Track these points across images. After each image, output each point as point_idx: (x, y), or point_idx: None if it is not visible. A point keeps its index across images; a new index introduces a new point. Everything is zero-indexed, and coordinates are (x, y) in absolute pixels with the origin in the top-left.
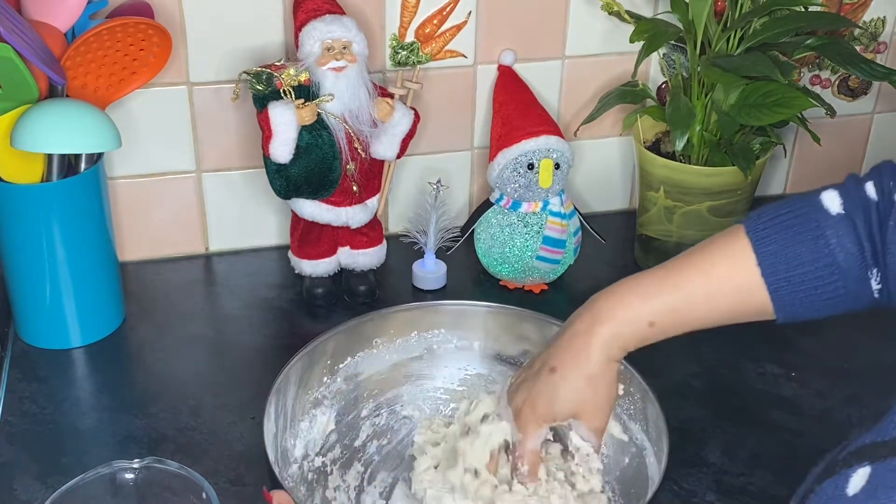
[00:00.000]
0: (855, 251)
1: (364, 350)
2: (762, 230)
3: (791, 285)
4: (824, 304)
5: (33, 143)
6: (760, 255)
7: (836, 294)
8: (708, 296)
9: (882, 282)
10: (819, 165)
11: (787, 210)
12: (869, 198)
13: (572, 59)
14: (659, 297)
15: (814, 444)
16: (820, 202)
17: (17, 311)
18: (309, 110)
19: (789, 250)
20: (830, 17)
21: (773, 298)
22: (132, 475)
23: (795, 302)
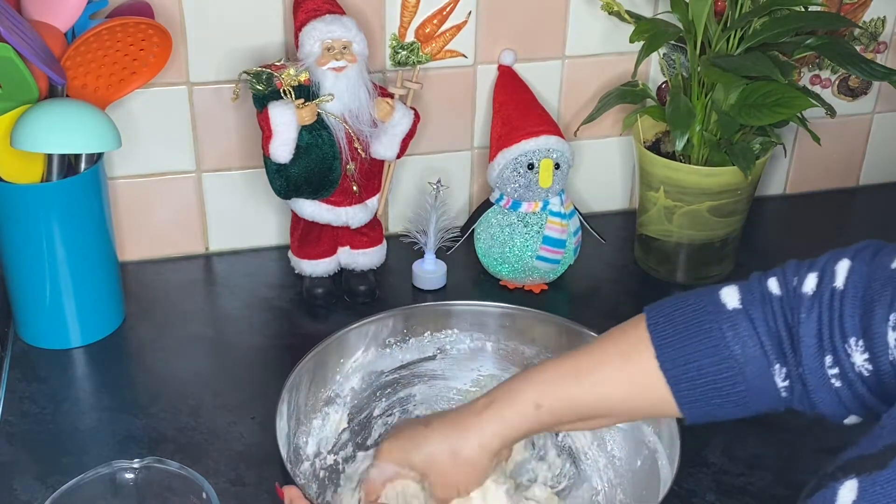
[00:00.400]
0: (752, 345)
1: (377, 349)
2: (662, 324)
3: (690, 379)
4: (728, 401)
5: (33, 143)
6: (659, 348)
7: (736, 390)
8: (599, 384)
9: (788, 378)
10: (819, 165)
11: (685, 304)
12: (771, 293)
13: (572, 59)
14: (548, 382)
15: (814, 444)
16: (718, 297)
17: (17, 311)
18: (309, 110)
19: (687, 343)
20: (830, 17)
21: (674, 393)
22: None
23: (697, 398)
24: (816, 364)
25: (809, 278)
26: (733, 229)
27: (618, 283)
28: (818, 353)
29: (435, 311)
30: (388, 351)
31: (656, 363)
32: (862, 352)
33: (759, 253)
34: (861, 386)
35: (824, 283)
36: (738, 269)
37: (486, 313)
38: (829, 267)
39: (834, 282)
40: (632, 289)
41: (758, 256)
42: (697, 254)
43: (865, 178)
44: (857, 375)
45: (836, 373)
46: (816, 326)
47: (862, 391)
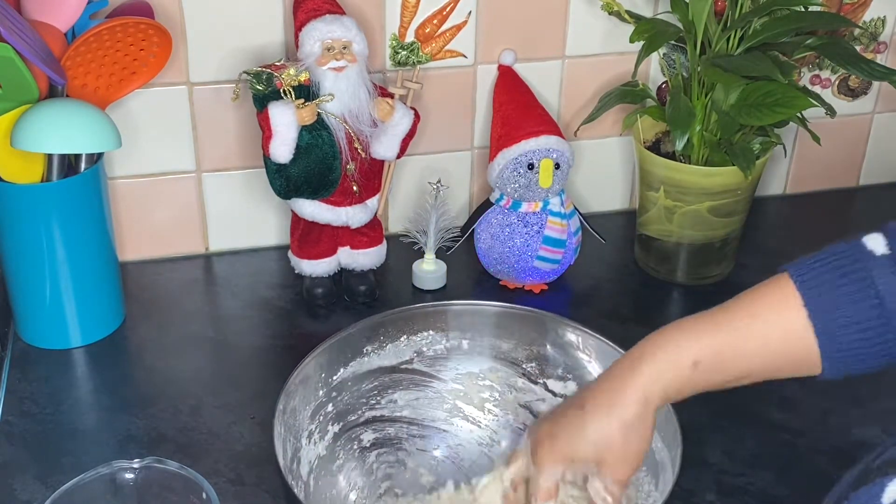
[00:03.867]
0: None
1: (356, 359)
2: (807, 275)
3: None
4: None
5: (33, 143)
6: (807, 298)
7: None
8: (755, 338)
9: None
10: (819, 165)
11: (830, 254)
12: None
13: (572, 59)
14: (704, 335)
15: (814, 444)
16: (863, 245)
17: (17, 311)
18: (309, 110)
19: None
20: (830, 17)
21: (819, 343)
22: (132, 475)
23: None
24: None
25: None
26: (733, 229)
27: (618, 283)
28: None
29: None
30: (367, 359)
31: (805, 312)
32: None
33: (759, 253)
34: None
35: None
36: (738, 269)
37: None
38: None
39: None
40: (632, 289)
41: (758, 256)
42: (697, 254)
43: (865, 178)
44: None
45: None
46: None
47: None
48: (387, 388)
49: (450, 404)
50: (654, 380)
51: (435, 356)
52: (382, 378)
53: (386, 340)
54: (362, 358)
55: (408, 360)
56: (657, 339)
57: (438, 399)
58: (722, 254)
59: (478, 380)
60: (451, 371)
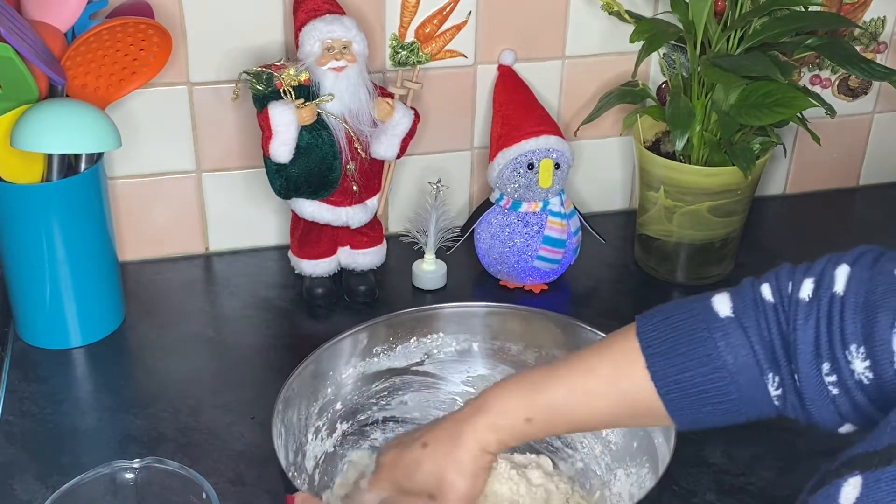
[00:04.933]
0: (745, 354)
1: (365, 359)
2: (652, 332)
3: (681, 388)
4: (719, 409)
5: (33, 143)
6: (648, 355)
7: (728, 398)
8: (589, 394)
9: (781, 387)
10: (819, 165)
11: (676, 312)
12: (764, 300)
13: (572, 59)
14: (539, 392)
15: (814, 445)
16: (710, 305)
17: (17, 311)
18: (309, 110)
19: (678, 353)
20: (830, 17)
21: (664, 402)
22: (132, 475)
23: (688, 406)
24: (813, 371)
25: (806, 283)
26: (733, 229)
27: (618, 283)
28: (815, 360)
29: (418, 316)
30: (377, 360)
31: (647, 374)
32: (863, 359)
33: (759, 253)
34: (860, 394)
35: (822, 288)
36: (738, 269)
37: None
38: (827, 272)
39: (833, 287)
40: (632, 289)
41: (758, 256)
42: (697, 254)
43: (865, 178)
44: (856, 383)
45: (834, 380)
46: (814, 333)
47: (860, 399)
48: (397, 390)
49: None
50: (489, 430)
51: (445, 358)
52: (392, 379)
53: (395, 341)
54: (371, 358)
55: (418, 362)
56: (497, 392)
57: (449, 402)
58: (722, 254)
59: (488, 382)
60: (461, 374)
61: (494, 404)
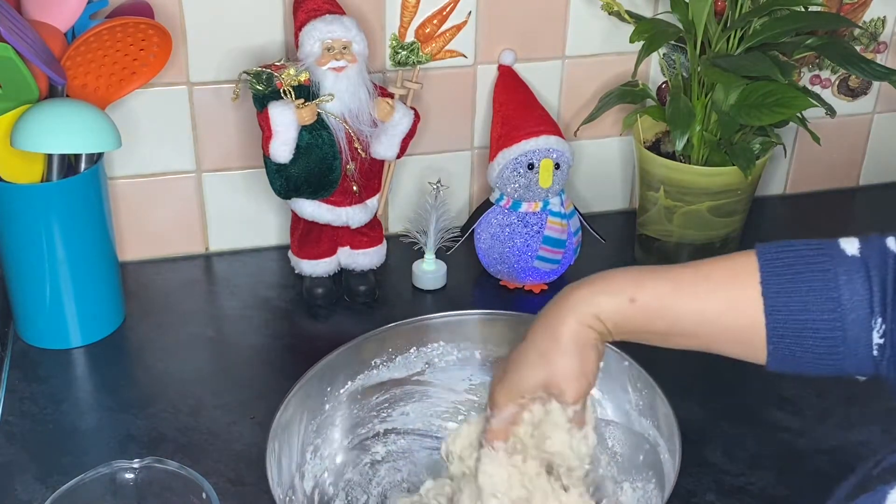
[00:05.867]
0: (862, 293)
1: (364, 372)
2: (773, 253)
3: (790, 313)
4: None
5: (33, 143)
6: (765, 273)
7: (832, 336)
8: (698, 294)
9: (884, 336)
10: (819, 165)
11: (803, 244)
12: (888, 249)
13: (572, 59)
14: (649, 279)
15: (814, 444)
16: (837, 244)
17: (17, 311)
18: (309, 110)
19: (796, 277)
20: (830, 17)
21: (768, 323)
22: (132, 475)
23: (790, 335)
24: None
25: None
26: (733, 229)
27: None
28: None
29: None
30: (376, 372)
31: (759, 290)
32: None
33: None
34: None
35: None
36: None
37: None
38: None
39: None
40: None
41: None
42: (697, 254)
43: (865, 178)
44: None
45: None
46: None
47: None
48: (398, 401)
49: (463, 416)
50: (589, 304)
51: (447, 367)
52: (393, 390)
53: (395, 352)
54: (370, 371)
55: (419, 372)
56: (603, 273)
57: (452, 410)
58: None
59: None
60: (464, 381)
61: (598, 280)
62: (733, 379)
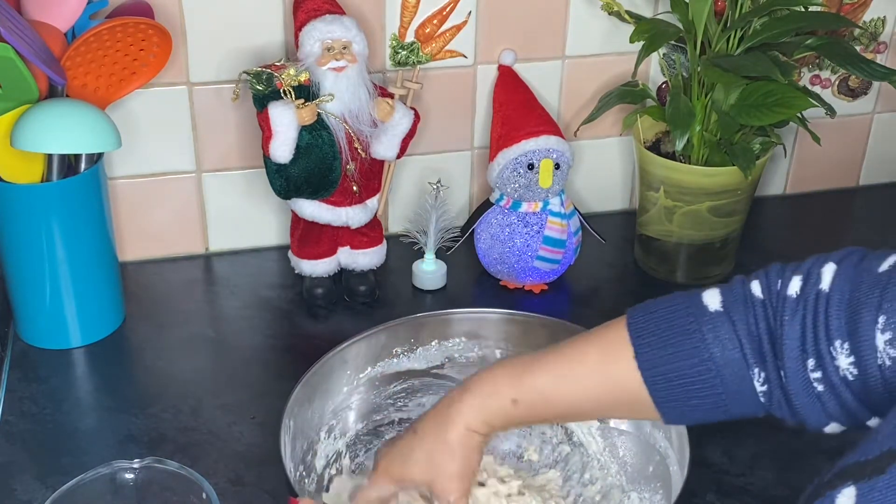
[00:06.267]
0: (732, 348)
1: (384, 359)
2: (642, 323)
3: (668, 380)
4: (705, 403)
5: (33, 143)
6: (637, 346)
7: (714, 392)
8: (576, 381)
9: (767, 383)
10: (819, 165)
11: (666, 305)
12: (753, 296)
13: (572, 59)
14: (527, 376)
15: (814, 445)
16: (700, 299)
17: (17, 311)
18: (309, 110)
19: (666, 343)
20: (830, 17)
21: (651, 393)
22: (132, 475)
23: (674, 398)
24: (798, 367)
25: (794, 281)
26: (733, 229)
27: (618, 283)
28: (801, 356)
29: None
30: (396, 361)
31: (634, 363)
32: (847, 355)
33: (759, 253)
34: (845, 391)
35: (809, 285)
36: (738, 270)
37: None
38: (814, 270)
39: (819, 284)
40: (632, 289)
41: (758, 256)
42: (697, 254)
43: (865, 178)
44: (841, 380)
45: (819, 377)
46: (800, 329)
47: (846, 396)
48: (415, 392)
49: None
50: (476, 410)
51: (467, 363)
52: (411, 381)
53: (416, 343)
54: (391, 359)
55: (438, 366)
56: (484, 375)
57: None
58: (722, 254)
59: None
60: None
61: (481, 386)
62: None
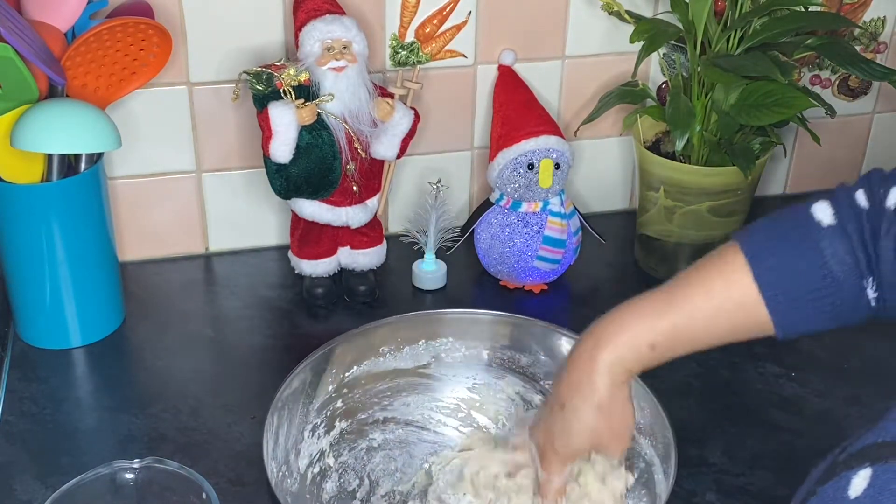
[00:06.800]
0: (849, 261)
1: (371, 358)
2: (756, 246)
3: (788, 298)
4: (822, 315)
5: (33, 143)
6: (756, 270)
7: (833, 305)
8: (708, 314)
9: (878, 290)
10: (819, 165)
11: (779, 224)
12: (860, 206)
13: (572, 59)
14: (658, 318)
15: (814, 444)
16: (811, 215)
17: (17, 311)
18: (309, 110)
19: (785, 264)
20: (830, 17)
21: (771, 312)
22: (132, 475)
23: (793, 314)
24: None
25: (892, 193)
26: (733, 229)
27: (618, 283)
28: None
29: (429, 318)
30: (383, 360)
31: (755, 285)
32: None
33: None
34: None
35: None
36: None
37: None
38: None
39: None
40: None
41: None
42: (697, 254)
43: None
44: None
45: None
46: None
47: None
48: (400, 391)
49: (464, 413)
50: (615, 363)
51: (453, 363)
52: (397, 380)
53: (404, 342)
54: (377, 358)
55: (425, 365)
56: (611, 326)
57: (453, 407)
58: None
59: (494, 391)
60: (468, 380)
61: (613, 338)
62: (733, 379)
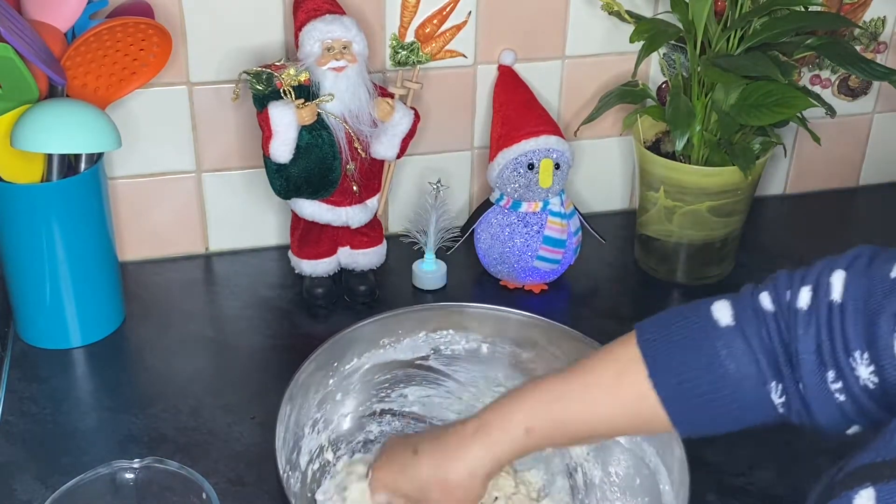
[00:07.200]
0: (748, 363)
1: (370, 350)
2: (653, 341)
3: (684, 396)
4: (723, 416)
5: (33, 143)
6: (651, 366)
7: (731, 406)
8: (596, 406)
9: (785, 394)
10: (819, 165)
11: (677, 321)
12: (764, 309)
13: (572, 59)
14: (539, 405)
15: (814, 445)
16: (710, 313)
17: (17, 311)
18: (309, 110)
19: (680, 362)
20: (830, 17)
21: (668, 411)
22: (132, 475)
23: (691, 414)
24: (818, 380)
25: (803, 292)
26: (733, 229)
27: (618, 283)
28: (819, 369)
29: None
30: (382, 352)
31: (649, 383)
32: (867, 364)
33: (759, 253)
34: (866, 399)
35: (820, 296)
36: (738, 269)
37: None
38: (823, 279)
39: (830, 295)
40: (632, 289)
41: (758, 256)
42: (697, 254)
43: (865, 178)
44: (861, 389)
45: (840, 387)
46: (815, 342)
47: (867, 404)
48: (398, 383)
49: (462, 406)
50: (486, 452)
51: (452, 356)
52: (396, 371)
53: (404, 334)
54: (377, 350)
55: (424, 356)
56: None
57: (451, 399)
58: (722, 254)
59: (493, 385)
60: (467, 372)
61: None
62: None
